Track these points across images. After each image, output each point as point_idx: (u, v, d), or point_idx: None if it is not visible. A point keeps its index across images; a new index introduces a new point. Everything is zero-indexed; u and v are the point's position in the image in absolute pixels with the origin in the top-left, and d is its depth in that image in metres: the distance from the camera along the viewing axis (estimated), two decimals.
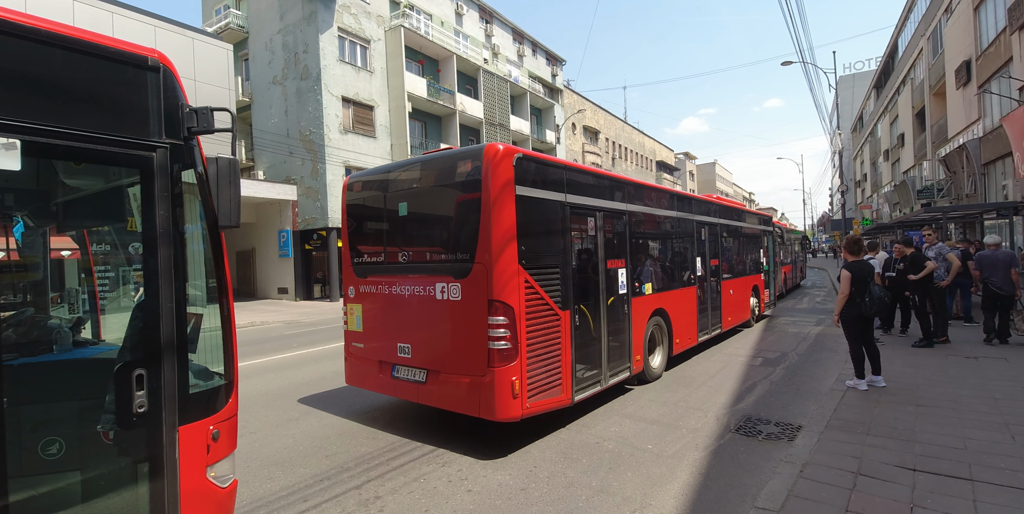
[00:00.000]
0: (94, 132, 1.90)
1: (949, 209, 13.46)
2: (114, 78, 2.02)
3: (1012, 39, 13.96)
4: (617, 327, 5.50)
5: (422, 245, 4.83)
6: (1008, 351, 6.75)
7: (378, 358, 4.92)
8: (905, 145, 28.06)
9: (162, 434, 2.03)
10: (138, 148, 2.02)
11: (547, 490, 3.46)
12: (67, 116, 1.86)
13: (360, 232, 5.39)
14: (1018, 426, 4.02)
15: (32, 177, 2.39)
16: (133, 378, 1.96)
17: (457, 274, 4.26)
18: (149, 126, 2.06)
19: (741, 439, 4.28)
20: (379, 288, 4.93)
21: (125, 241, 2.87)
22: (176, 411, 2.07)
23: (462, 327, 4.24)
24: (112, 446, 2.11)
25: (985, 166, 16.79)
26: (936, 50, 21.68)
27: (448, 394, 4.31)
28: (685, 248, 7.62)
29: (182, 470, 2.09)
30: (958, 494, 3.00)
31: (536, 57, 34.13)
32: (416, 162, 4.93)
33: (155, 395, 2.02)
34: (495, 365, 3.97)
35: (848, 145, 49.99)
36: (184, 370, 2.13)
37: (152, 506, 2.02)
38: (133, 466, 2.11)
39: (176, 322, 2.07)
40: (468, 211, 4.30)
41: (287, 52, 20.48)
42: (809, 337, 9.19)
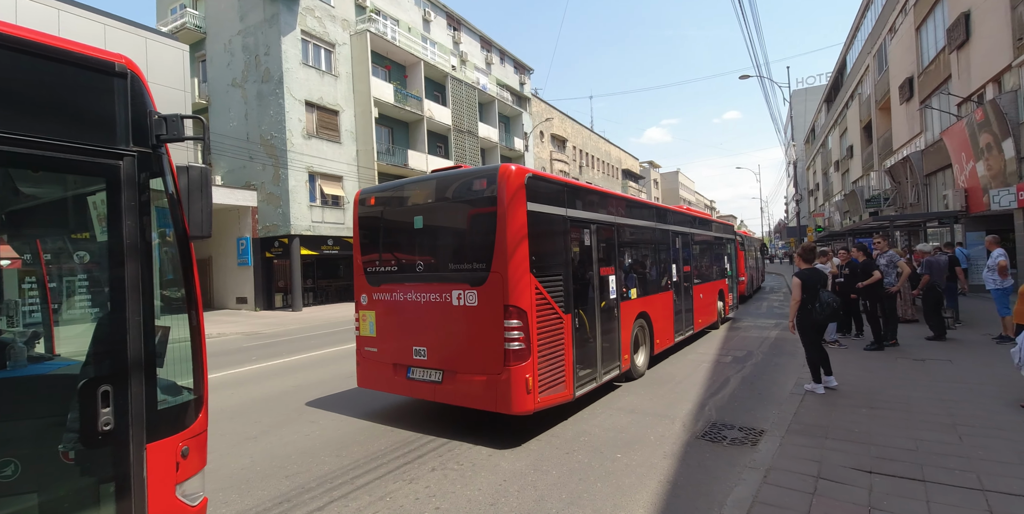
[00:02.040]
0: (58, 140, 1.83)
1: (895, 217, 14.19)
2: (79, 84, 1.95)
3: (950, 58, 14.92)
4: (608, 329, 5.93)
5: (437, 255, 5.15)
6: (952, 352, 7.12)
7: (392, 361, 5.22)
8: (854, 156, 29.54)
9: (129, 453, 1.96)
10: (104, 156, 1.95)
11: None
12: (30, 123, 1.79)
13: (373, 243, 5.65)
14: (965, 427, 4.21)
15: None
16: (99, 395, 1.88)
17: (473, 282, 4.64)
18: (116, 133, 2.00)
19: (707, 445, 4.34)
20: (393, 295, 5.26)
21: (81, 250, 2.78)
22: (144, 428, 2.00)
23: (478, 330, 4.60)
24: (75, 466, 2.01)
25: (927, 177, 17.82)
26: (882, 67, 22.96)
27: (465, 392, 4.67)
28: (663, 256, 8.16)
29: (150, 489, 2.02)
30: (912, 495, 3.11)
31: (504, 65, 34.36)
32: (431, 179, 5.26)
33: (122, 412, 1.94)
34: (511, 364, 4.37)
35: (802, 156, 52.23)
36: (152, 385, 2.04)
37: None
38: (98, 487, 2.01)
39: (144, 335, 2.00)
40: (483, 224, 4.69)
41: (247, 54, 19.93)
42: (769, 338, 9.78)
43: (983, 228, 14.00)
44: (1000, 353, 6.76)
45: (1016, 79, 11.75)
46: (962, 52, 14.16)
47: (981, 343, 7.66)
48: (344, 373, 7.74)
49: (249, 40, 19.85)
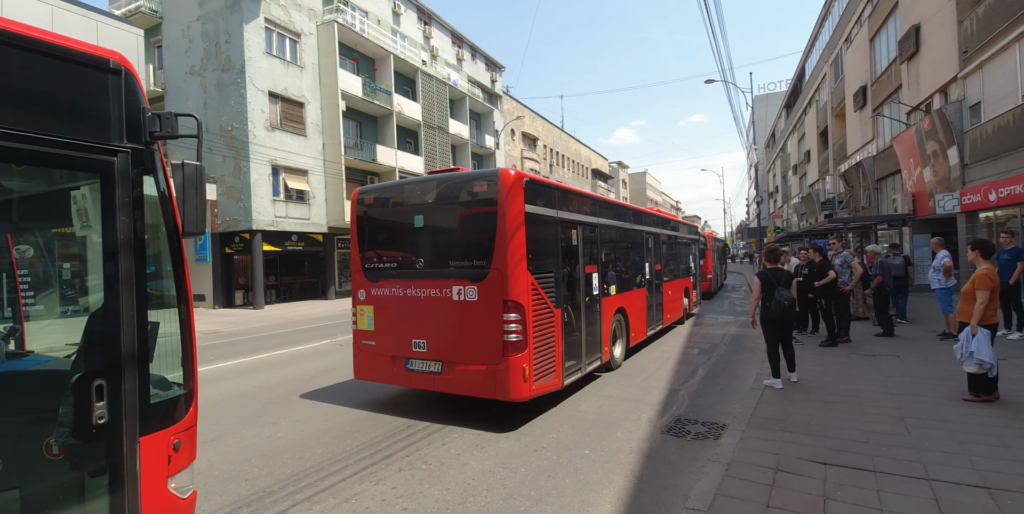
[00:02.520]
0: (53, 135, 1.84)
1: (848, 220, 14.82)
2: (74, 80, 1.96)
3: (901, 68, 15.68)
4: (591, 322, 6.33)
5: (437, 253, 5.38)
6: (899, 348, 7.49)
7: (391, 353, 5.44)
8: (811, 161, 30.74)
9: (123, 446, 1.99)
10: (99, 152, 1.97)
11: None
12: (24, 118, 1.80)
13: (371, 240, 5.83)
14: (912, 419, 4.44)
15: None
16: (93, 388, 1.91)
17: (474, 278, 4.94)
18: (110, 130, 2.01)
19: (672, 439, 4.43)
20: (392, 291, 5.47)
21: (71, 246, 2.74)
22: (137, 422, 2.03)
23: (478, 323, 4.89)
24: (67, 460, 2.02)
25: (878, 181, 18.71)
26: (838, 75, 23.95)
27: (464, 381, 4.95)
28: (637, 255, 8.68)
29: (143, 482, 2.06)
30: (864, 485, 3.25)
31: (475, 62, 34.16)
32: (432, 180, 5.51)
33: (116, 406, 1.97)
34: (509, 354, 4.70)
35: (763, 159, 54.05)
36: (145, 380, 2.07)
37: None
38: (92, 479, 2.03)
39: (137, 330, 2.03)
40: (483, 224, 4.98)
41: (207, 41, 19.15)
42: (730, 334, 10.36)
43: (929, 231, 14.81)
44: (944, 349, 7.15)
45: (961, 90, 12.45)
46: (912, 63, 14.90)
47: (926, 339, 8.09)
48: (307, 373, 7.54)
49: (209, 27, 19.07)
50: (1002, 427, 4.14)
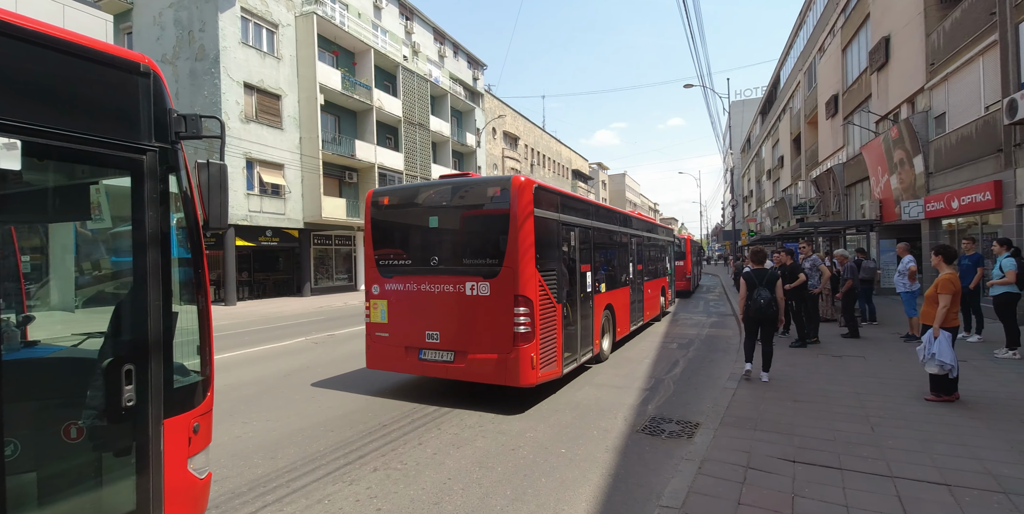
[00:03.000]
0: (88, 134, 1.95)
1: (819, 224, 15.23)
2: (107, 82, 2.07)
3: (871, 78, 16.18)
4: (585, 317, 6.79)
5: (451, 251, 5.74)
6: (865, 349, 7.73)
7: (404, 344, 5.83)
8: (784, 166, 31.50)
9: (148, 427, 2.13)
10: (130, 151, 2.09)
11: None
12: (63, 118, 1.89)
13: (386, 238, 6.18)
14: (876, 418, 4.58)
15: None
16: (123, 373, 2.04)
17: (486, 275, 5.39)
18: (140, 130, 2.12)
19: (647, 438, 4.48)
20: (406, 286, 5.85)
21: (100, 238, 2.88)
22: (162, 405, 2.17)
23: (490, 316, 5.33)
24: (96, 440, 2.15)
25: (848, 188, 19.27)
26: (811, 84, 24.59)
27: (476, 369, 5.39)
28: (623, 255, 9.24)
29: (166, 461, 2.20)
30: (831, 482, 3.34)
31: (457, 59, 33.98)
32: (447, 184, 5.91)
33: (143, 389, 2.10)
34: (519, 344, 5.18)
35: (738, 164, 55.20)
36: (170, 365, 2.21)
37: (139, 496, 2.11)
38: (119, 458, 2.16)
39: (163, 319, 2.17)
40: (496, 226, 5.43)
41: (180, 29, 18.58)
42: (704, 332, 10.90)
43: (895, 236, 15.32)
44: (907, 350, 7.41)
45: (927, 101, 12.92)
46: (882, 73, 15.39)
47: (891, 341, 8.37)
48: (280, 371, 7.39)
49: (182, 14, 18.51)
50: (961, 426, 4.31)
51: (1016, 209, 9.43)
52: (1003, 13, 9.60)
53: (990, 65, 10.31)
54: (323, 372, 7.20)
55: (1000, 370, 6.21)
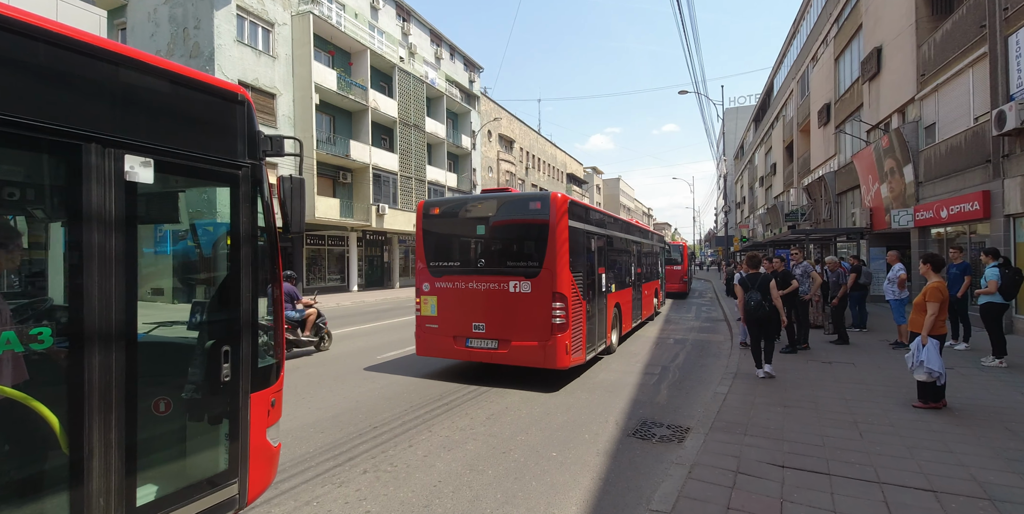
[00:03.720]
0: (202, 154, 2.37)
1: (810, 231, 15.35)
2: (215, 110, 2.48)
3: (863, 88, 16.37)
4: (601, 313, 7.77)
5: (496, 255, 6.66)
6: (854, 356, 7.79)
7: (452, 334, 6.73)
8: (776, 173, 31.77)
9: (239, 399, 2.53)
10: (230, 167, 2.51)
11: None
12: (183, 141, 2.30)
13: (436, 243, 7.05)
14: (864, 424, 4.61)
15: None
16: (221, 353, 2.46)
17: (528, 275, 6.35)
18: (238, 149, 2.54)
19: (637, 442, 4.48)
20: (455, 284, 6.75)
21: (206, 240, 3.19)
22: (249, 381, 2.57)
23: (530, 310, 6.27)
24: (197, 410, 2.54)
25: (839, 195, 19.46)
26: (804, 92, 24.85)
27: (518, 355, 6.33)
28: (628, 259, 10.26)
29: (251, 430, 2.60)
30: (819, 488, 3.35)
31: (454, 61, 34.02)
32: (492, 198, 6.84)
33: (236, 367, 2.51)
34: (556, 334, 6.15)
35: (731, 170, 55.60)
36: (256, 347, 2.61)
37: (230, 457, 2.52)
38: (215, 425, 2.56)
39: (252, 307, 2.57)
40: (536, 234, 6.40)
41: (175, 26, 18.46)
42: (694, 328, 12.12)
43: (884, 244, 15.48)
44: (896, 358, 7.48)
45: (918, 111, 13.09)
46: (873, 83, 15.59)
47: (879, 348, 8.44)
48: None
49: (177, 11, 18.40)
50: (947, 433, 4.34)
51: (1004, 219, 9.56)
52: (993, 26, 9.76)
53: (980, 77, 10.47)
54: (316, 373, 7.15)
55: (986, 378, 6.28)
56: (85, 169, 1.96)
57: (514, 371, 7.00)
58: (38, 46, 1.85)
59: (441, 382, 6.66)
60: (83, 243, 1.96)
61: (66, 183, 2.00)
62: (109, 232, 2.03)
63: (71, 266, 1.97)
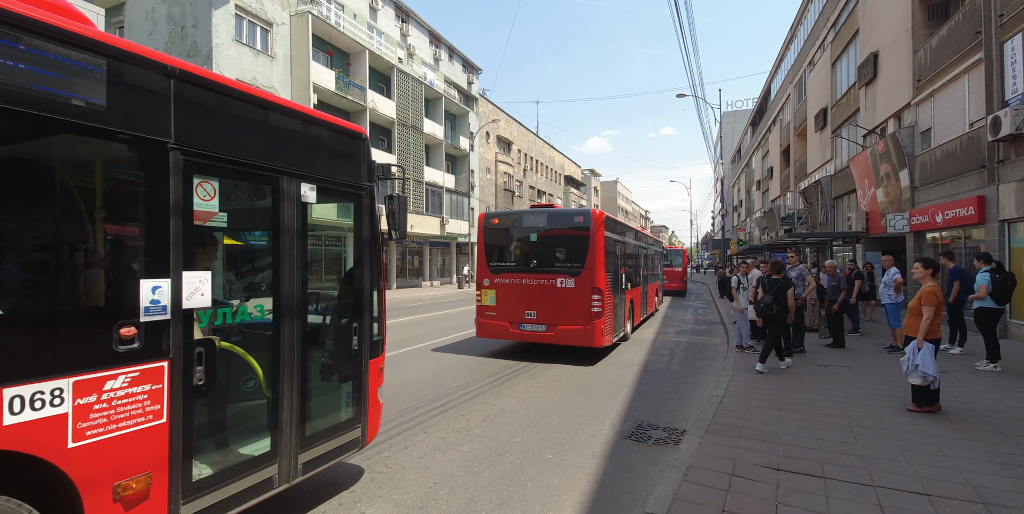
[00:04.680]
0: (341, 180, 3.32)
1: (807, 235, 15.45)
2: (347, 146, 3.40)
3: (860, 93, 16.46)
4: (621, 306, 9.53)
5: (546, 257, 8.41)
6: (849, 359, 7.81)
7: (508, 320, 8.48)
8: (773, 177, 31.89)
9: (363, 364, 3.47)
10: (358, 189, 3.46)
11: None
12: (329, 171, 3.22)
13: (495, 247, 8.81)
14: (859, 428, 4.62)
15: None
16: (352, 328, 3.39)
17: (572, 273, 8.09)
18: (361, 175, 3.48)
19: (633, 445, 4.48)
20: (511, 280, 8.50)
21: (341, 242, 4.10)
22: (368, 350, 3.49)
23: (574, 301, 8.01)
24: (338, 371, 3.46)
25: (835, 199, 19.54)
26: (801, 96, 24.96)
27: (563, 337, 8.05)
28: (639, 263, 12.21)
29: (369, 389, 3.51)
30: (814, 491, 3.35)
31: (452, 63, 34.03)
32: (543, 213, 8.66)
33: (361, 340, 3.42)
34: (594, 320, 7.87)
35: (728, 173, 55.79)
36: (372, 325, 3.52)
37: (356, 409, 3.45)
38: (346, 383, 3.46)
39: (371, 293, 3.50)
40: (579, 242, 8.16)
41: (172, 24, 18.42)
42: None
43: (880, 248, 15.55)
44: (890, 361, 7.50)
45: (914, 116, 13.16)
46: (870, 88, 15.67)
47: (874, 352, 8.47)
48: None
49: (175, 10, 18.36)
50: (942, 437, 4.36)
51: (998, 224, 9.62)
52: (988, 32, 9.83)
53: (975, 82, 10.54)
54: None
55: (981, 382, 6.30)
56: (280, 194, 2.89)
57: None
58: (273, 115, 2.88)
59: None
60: (281, 244, 2.91)
61: (271, 204, 2.92)
62: (293, 238, 2.97)
63: (273, 261, 2.91)
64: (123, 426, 2.13)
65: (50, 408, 1.90)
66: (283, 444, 2.87)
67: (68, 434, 1.96)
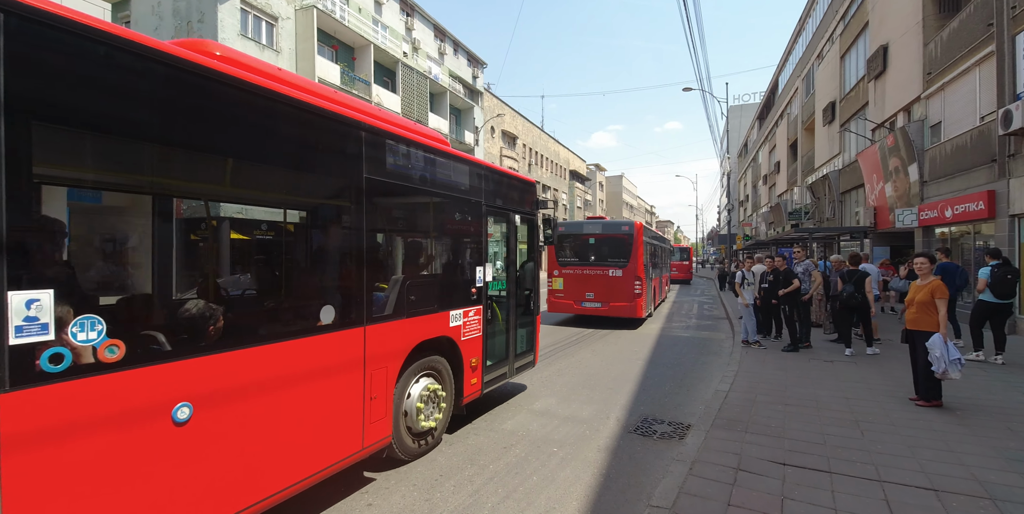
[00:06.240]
0: (524, 211, 5.80)
1: (814, 230, 15.33)
2: (527, 189, 5.93)
3: (869, 86, 16.27)
4: (648, 290, 12.49)
5: (601, 255, 11.78)
6: (856, 355, 7.78)
7: (572, 299, 11.80)
8: (780, 172, 31.64)
9: (534, 316, 5.99)
10: (532, 215, 6.00)
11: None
12: (520, 205, 5.75)
13: (562, 247, 11.98)
14: (866, 423, 4.61)
15: None
16: (529, 296, 5.88)
17: (619, 266, 11.44)
18: (533, 206, 6.04)
19: (638, 439, 4.49)
20: (575, 271, 11.81)
21: (509, 248, 5.79)
22: (536, 308, 5.99)
23: (621, 285, 11.36)
24: (524, 319, 5.81)
25: (843, 194, 19.39)
26: (809, 90, 24.71)
27: (614, 311, 11.42)
28: (658, 258, 15.69)
29: (536, 333, 6.08)
30: (820, 486, 3.36)
31: (457, 57, 33.89)
32: (598, 223, 12.18)
33: (535, 302, 5.96)
34: (636, 299, 11.35)
35: (735, 168, 55.40)
36: (538, 295, 6.01)
37: (531, 342, 5.99)
38: (527, 327, 5.92)
39: (536, 274, 6.00)
40: (625, 243, 11.56)
41: (178, 19, 18.42)
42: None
43: (888, 243, 15.43)
44: (897, 357, 7.46)
45: (924, 110, 13.01)
46: (879, 81, 15.49)
47: (882, 347, 8.41)
48: None
49: (181, 4, 18.35)
50: (948, 432, 4.35)
51: (1008, 219, 9.52)
52: (1000, 24, 9.68)
53: (986, 76, 10.40)
54: None
55: (987, 378, 6.27)
56: (511, 221, 5.56)
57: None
58: (509, 181, 5.57)
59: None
60: (509, 247, 5.57)
61: (505, 228, 5.60)
62: (514, 246, 5.55)
63: (507, 256, 5.62)
64: (471, 331, 4.71)
65: (457, 320, 4.48)
66: (509, 354, 5.48)
67: (460, 333, 4.53)
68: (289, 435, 2.75)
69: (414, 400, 3.84)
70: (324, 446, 2.98)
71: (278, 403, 2.69)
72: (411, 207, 4.25)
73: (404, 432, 3.79)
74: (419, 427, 3.87)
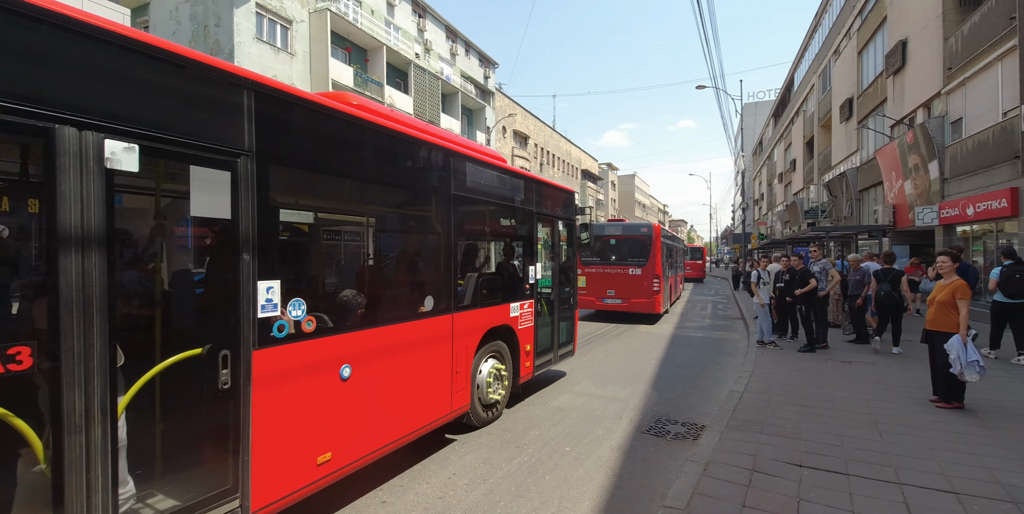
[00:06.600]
0: (568, 217, 6.64)
1: (831, 229, 15.11)
2: (571, 199, 6.77)
3: (887, 82, 15.98)
4: (665, 288, 13.28)
5: (622, 254, 12.56)
6: (873, 355, 7.66)
7: (594, 296, 12.58)
8: (796, 170, 31.20)
9: (574, 309, 6.90)
10: (572, 220, 6.75)
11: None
12: (564, 213, 6.54)
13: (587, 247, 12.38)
14: (884, 424, 4.54)
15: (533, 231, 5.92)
16: (569, 292, 6.73)
17: (639, 265, 12.29)
18: (574, 213, 6.81)
19: (652, 439, 4.48)
20: (597, 270, 12.62)
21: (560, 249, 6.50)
22: (575, 302, 6.97)
23: (641, 283, 12.23)
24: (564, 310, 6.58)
25: (861, 192, 19.06)
26: (825, 87, 24.33)
27: (634, 307, 12.30)
28: (674, 258, 16.60)
29: (575, 325, 6.95)
30: (837, 487, 3.32)
31: (469, 57, 33.97)
32: (619, 225, 12.94)
33: (574, 296, 6.91)
34: (654, 295, 12.18)
35: (749, 166, 54.73)
36: (576, 291, 7.04)
37: (571, 334, 6.82)
38: (568, 318, 6.73)
39: (575, 272, 7.04)
40: (644, 244, 12.47)
41: (196, 24, 18.74)
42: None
43: (908, 242, 15.14)
44: (917, 357, 7.33)
45: (944, 106, 12.75)
46: (898, 77, 15.21)
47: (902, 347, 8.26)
48: None
49: (198, 9, 18.66)
50: (969, 434, 4.27)
51: None
52: (1023, 18, 9.45)
53: (1009, 70, 10.15)
54: None
55: (1010, 379, 6.13)
56: (554, 226, 6.30)
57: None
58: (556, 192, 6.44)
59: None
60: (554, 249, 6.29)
61: (550, 232, 6.29)
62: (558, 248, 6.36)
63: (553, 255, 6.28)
64: (525, 321, 5.46)
65: (515, 311, 5.26)
66: (554, 343, 6.21)
67: (518, 322, 5.30)
68: (407, 396, 3.63)
69: (484, 376, 4.70)
70: (426, 407, 3.85)
71: (400, 371, 3.57)
72: (481, 215, 5.08)
73: (477, 402, 4.62)
74: (488, 399, 4.72)
